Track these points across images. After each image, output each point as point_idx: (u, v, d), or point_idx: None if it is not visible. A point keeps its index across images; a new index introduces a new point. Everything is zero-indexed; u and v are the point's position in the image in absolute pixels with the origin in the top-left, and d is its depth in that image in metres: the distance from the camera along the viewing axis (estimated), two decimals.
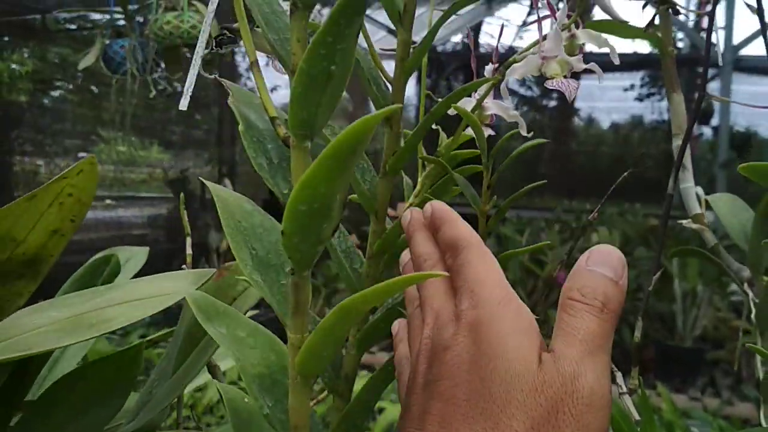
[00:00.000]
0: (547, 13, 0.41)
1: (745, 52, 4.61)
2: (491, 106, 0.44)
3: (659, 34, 0.50)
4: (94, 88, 5.02)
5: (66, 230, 0.43)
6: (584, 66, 0.40)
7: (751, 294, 0.47)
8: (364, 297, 0.22)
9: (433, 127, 0.39)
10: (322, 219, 0.23)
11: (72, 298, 0.42)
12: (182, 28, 2.04)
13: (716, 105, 4.74)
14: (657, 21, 0.49)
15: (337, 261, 0.35)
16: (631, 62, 5.26)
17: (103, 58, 2.10)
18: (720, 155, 4.63)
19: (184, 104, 0.28)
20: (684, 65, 5.97)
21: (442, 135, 0.44)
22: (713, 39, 0.53)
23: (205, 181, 0.34)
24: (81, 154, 4.89)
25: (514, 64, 0.41)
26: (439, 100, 0.34)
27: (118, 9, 2.09)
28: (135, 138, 4.75)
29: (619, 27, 0.46)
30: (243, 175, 5.21)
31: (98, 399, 0.43)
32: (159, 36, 2.05)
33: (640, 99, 5.97)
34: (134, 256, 0.63)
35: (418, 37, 0.33)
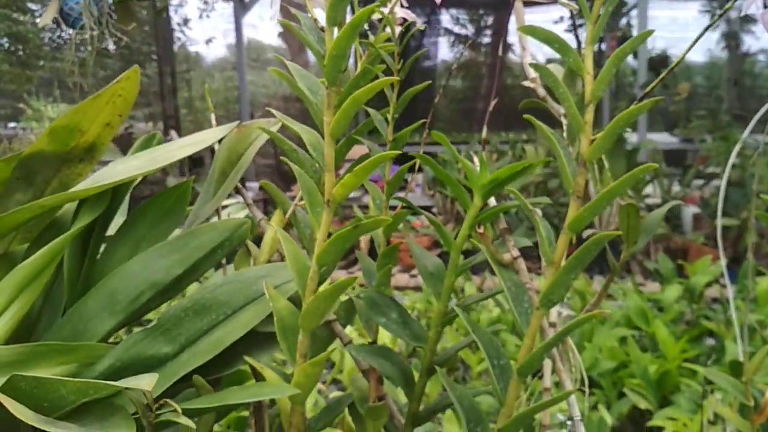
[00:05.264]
0: None
1: None
2: (399, 11, 0.74)
3: None
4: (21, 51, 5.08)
5: (115, 123, 0.54)
6: None
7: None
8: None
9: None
10: (342, 61, 0.57)
11: (139, 155, 0.58)
12: None
13: (635, 29, 5.18)
14: None
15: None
16: None
17: (60, 15, 2.35)
18: (639, 77, 5.10)
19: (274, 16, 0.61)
20: None
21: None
22: None
23: None
24: (11, 124, 4.98)
25: None
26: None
27: None
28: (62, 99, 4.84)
29: None
30: (184, 128, 5.46)
31: (164, 218, 0.58)
32: None
33: (569, 30, 6.24)
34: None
35: None
